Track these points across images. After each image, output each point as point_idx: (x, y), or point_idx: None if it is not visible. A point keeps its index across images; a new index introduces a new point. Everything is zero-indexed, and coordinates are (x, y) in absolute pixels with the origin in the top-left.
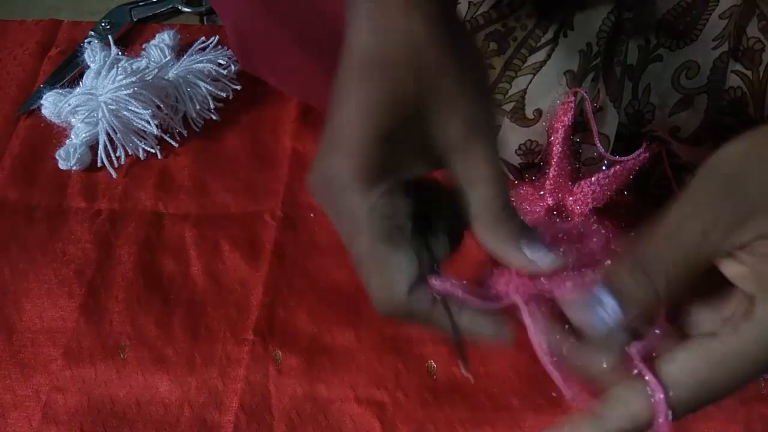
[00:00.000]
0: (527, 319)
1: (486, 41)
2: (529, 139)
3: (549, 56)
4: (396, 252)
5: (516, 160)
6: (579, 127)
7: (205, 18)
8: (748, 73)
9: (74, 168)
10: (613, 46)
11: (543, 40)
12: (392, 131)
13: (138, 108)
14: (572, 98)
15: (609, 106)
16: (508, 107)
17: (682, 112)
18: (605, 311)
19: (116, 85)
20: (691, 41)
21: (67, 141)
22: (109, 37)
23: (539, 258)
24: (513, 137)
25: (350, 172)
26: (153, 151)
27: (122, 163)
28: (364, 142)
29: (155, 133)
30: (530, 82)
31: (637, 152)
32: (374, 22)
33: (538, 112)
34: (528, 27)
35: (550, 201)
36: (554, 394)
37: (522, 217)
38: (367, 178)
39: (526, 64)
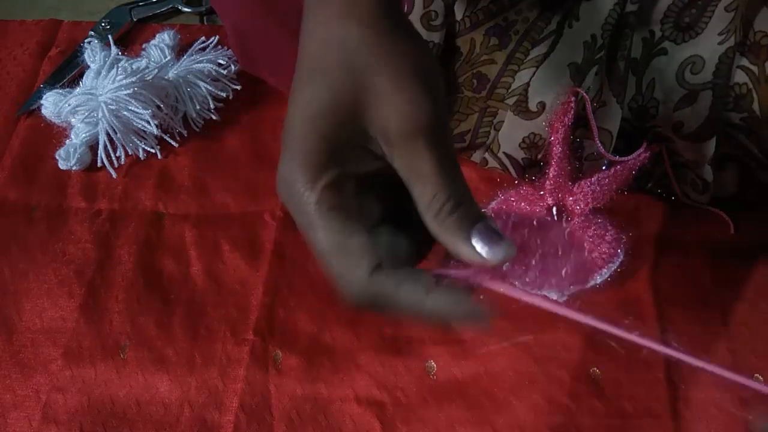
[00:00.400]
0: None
1: (487, 36)
2: (533, 132)
3: (552, 48)
4: (351, 239)
5: (520, 155)
6: (580, 122)
7: (205, 18)
8: (754, 68)
9: (74, 168)
10: (617, 40)
11: (546, 32)
12: (334, 131)
13: (138, 108)
14: (572, 98)
15: (612, 101)
16: (512, 101)
17: (686, 108)
18: None
19: (116, 85)
20: (696, 35)
21: (67, 141)
22: (109, 37)
23: (489, 253)
24: (517, 131)
25: (296, 170)
26: (153, 151)
27: (122, 163)
28: (306, 141)
29: (155, 133)
30: (533, 74)
31: (638, 152)
32: (315, 30)
33: (542, 105)
34: (530, 19)
35: (550, 201)
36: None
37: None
38: (311, 174)
39: (528, 57)
